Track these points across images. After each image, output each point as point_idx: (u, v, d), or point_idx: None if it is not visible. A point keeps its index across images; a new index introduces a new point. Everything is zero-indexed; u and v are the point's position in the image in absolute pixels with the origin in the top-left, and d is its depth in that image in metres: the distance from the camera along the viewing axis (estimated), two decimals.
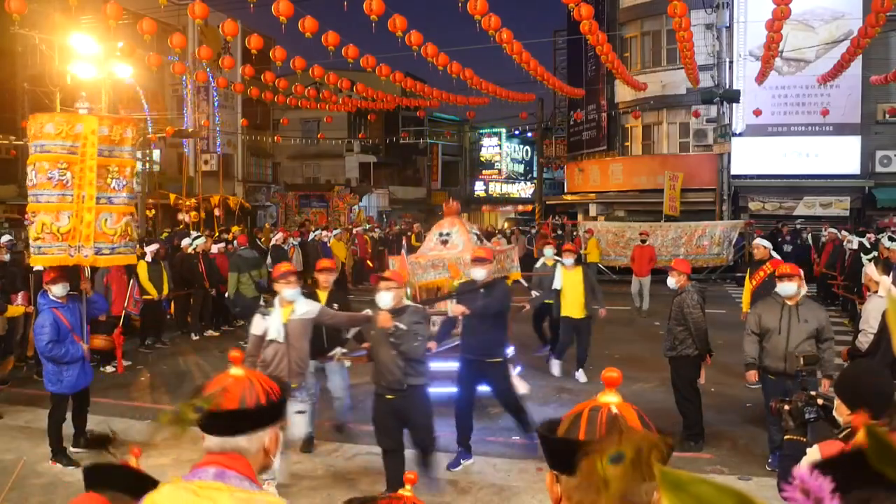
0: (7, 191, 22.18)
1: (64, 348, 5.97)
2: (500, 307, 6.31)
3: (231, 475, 1.68)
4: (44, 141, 5.83)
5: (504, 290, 6.54)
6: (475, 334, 6.27)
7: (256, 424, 1.76)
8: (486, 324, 6.20)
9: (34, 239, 5.94)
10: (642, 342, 11.14)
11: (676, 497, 0.67)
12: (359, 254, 19.75)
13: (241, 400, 1.73)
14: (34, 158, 5.91)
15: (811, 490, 0.72)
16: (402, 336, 5.07)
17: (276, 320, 5.43)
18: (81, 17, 17.63)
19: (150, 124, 21.93)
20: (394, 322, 5.08)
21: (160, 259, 11.28)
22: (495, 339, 6.30)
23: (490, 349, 6.24)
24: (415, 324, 5.16)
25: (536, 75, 15.97)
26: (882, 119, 22.29)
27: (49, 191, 5.81)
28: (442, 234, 8.36)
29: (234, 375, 1.80)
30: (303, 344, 5.52)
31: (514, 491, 5.55)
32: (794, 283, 5.72)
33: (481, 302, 6.18)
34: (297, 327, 5.47)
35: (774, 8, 11.53)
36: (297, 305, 5.53)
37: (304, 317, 5.53)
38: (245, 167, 33.20)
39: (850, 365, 3.09)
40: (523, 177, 49.23)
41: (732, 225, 19.91)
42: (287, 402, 1.88)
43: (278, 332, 5.38)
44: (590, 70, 28.38)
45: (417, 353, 5.15)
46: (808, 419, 3.09)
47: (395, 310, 5.16)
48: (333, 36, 11.55)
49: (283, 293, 5.54)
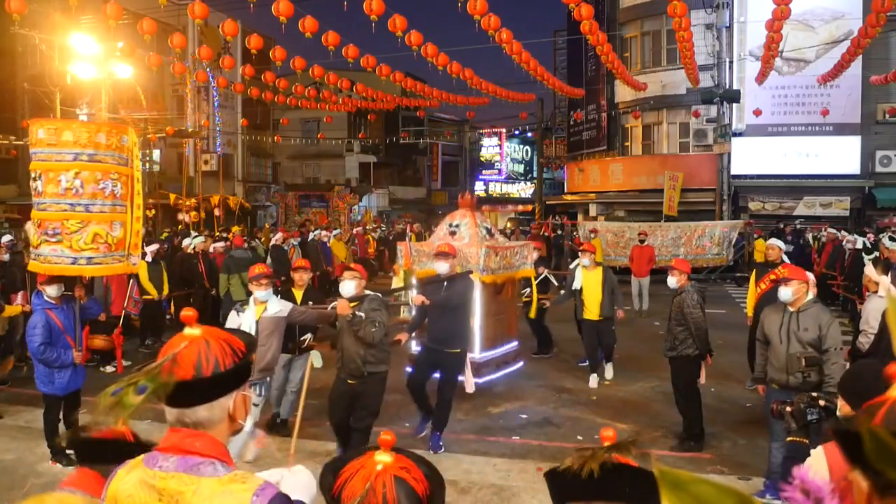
0: (7, 191, 22.20)
1: (56, 353, 5.91)
2: (460, 300, 6.54)
3: (194, 462, 1.53)
4: (93, 150, 5.86)
5: (465, 284, 6.74)
6: (436, 325, 6.58)
7: (216, 393, 1.57)
8: (447, 316, 6.46)
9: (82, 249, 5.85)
10: (642, 342, 11.13)
11: (676, 497, 0.67)
12: (359, 254, 19.75)
13: (197, 367, 1.54)
14: (81, 167, 5.83)
15: (811, 490, 0.72)
16: (359, 323, 5.44)
17: (249, 317, 5.80)
18: (81, 17, 17.64)
19: (150, 124, 21.91)
20: (352, 310, 5.45)
21: (160, 259, 11.28)
22: (455, 330, 6.54)
23: (449, 340, 6.49)
24: (373, 311, 5.51)
25: (536, 75, 15.97)
26: (882, 119, 22.29)
27: (102, 200, 5.89)
28: (451, 225, 8.58)
29: (189, 337, 1.59)
30: (271, 342, 5.82)
31: (513, 491, 5.55)
32: (791, 287, 5.25)
33: (443, 294, 6.45)
34: (269, 325, 5.79)
35: (774, 8, 11.53)
36: (270, 304, 5.85)
37: (276, 315, 5.84)
38: (245, 167, 33.21)
39: (852, 365, 3.04)
40: (523, 177, 49.23)
41: (732, 225, 19.91)
42: (251, 361, 1.67)
43: (250, 328, 5.67)
44: (590, 70, 28.39)
45: (374, 338, 5.49)
46: (811, 420, 3.09)
47: (355, 297, 5.56)
48: (333, 36, 11.55)
49: (255, 293, 5.89)
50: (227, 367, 1.56)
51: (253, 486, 1.51)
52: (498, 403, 7.93)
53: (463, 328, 6.71)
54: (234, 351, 1.59)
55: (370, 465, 1.45)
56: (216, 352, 1.56)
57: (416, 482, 1.45)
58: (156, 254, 11.14)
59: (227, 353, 1.57)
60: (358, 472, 1.45)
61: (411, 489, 1.44)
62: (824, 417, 3.03)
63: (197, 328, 1.62)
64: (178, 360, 1.54)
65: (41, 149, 5.82)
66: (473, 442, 6.77)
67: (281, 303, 5.97)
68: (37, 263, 5.95)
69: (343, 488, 1.44)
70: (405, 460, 1.50)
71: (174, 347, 1.57)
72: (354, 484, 1.43)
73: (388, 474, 1.43)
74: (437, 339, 6.54)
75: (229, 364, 1.57)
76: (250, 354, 1.65)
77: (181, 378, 1.52)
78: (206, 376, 1.54)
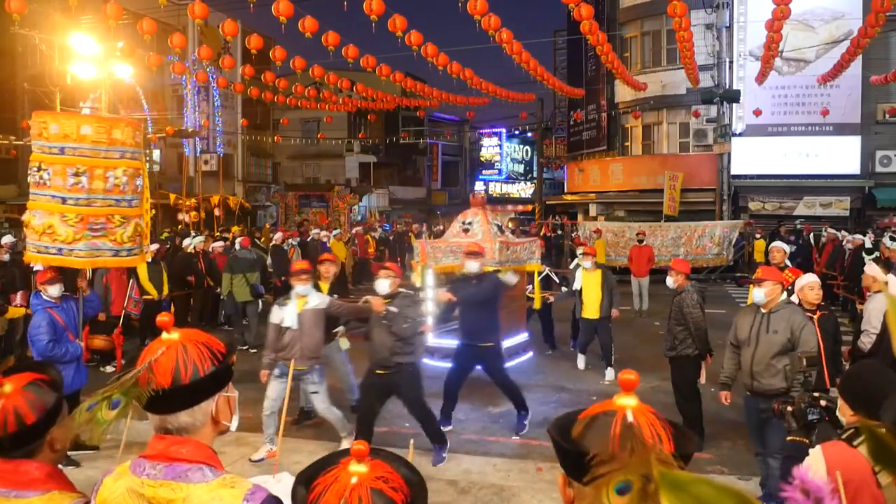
0: (7, 191, 22.20)
1: (63, 347, 5.99)
2: (488, 297, 6.90)
3: (182, 469, 1.51)
4: (134, 148, 6.08)
5: (493, 282, 7.14)
6: (467, 321, 7.00)
7: (197, 398, 1.56)
8: (476, 312, 6.86)
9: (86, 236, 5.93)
10: (642, 342, 11.14)
11: (676, 497, 0.67)
12: (359, 254, 19.76)
13: (175, 373, 1.52)
14: (126, 164, 5.99)
15: (811, 490, 0.72)
16: (393, 318, 5.78)
17: (291, 310, 6.14)
18: (81, 17, 17.64)
19: (150, 124, 21.92)
20: (386, 306, 5.80)
21: (160, 259, 11.27)
22: (486, 325, 6.88)
23: (481, 334, 6.87)
24: (406, 307, 5.88)
25: (536, 75, 15.96)
26: (882, 119, 22.29)
27: (135, 196, 6.10)
28: (464, 222, 9.16)
29: (166, 342, 1.57)
30: (315, 332, 6.17)
31: (513, 491, 5.55)
32: (765, 288, 5.02)
33: (472, 290, 6.84)
34: (311, 317, 6.15)
35: (774, 8, 11.52)
36: (310, 298, 6.22)
37: (316, 307, 6.19)
38: (245, 167, 33.22)
39: (853, 365, 3.00)
40: (523, 177, 49.23)
41: (732, 225, 19.91)
42: (231, 363, 1.64)
43: (293, 320, 6.07)
44: (590, 70, 28.39)
45: (406, 333, 5.82)
46: (811, 420, 3.08)
47: (389, 295, 5.89)
48: (333, 36, 11.55)
49: (296, 288, 6.22)
50: (206, 372, 1.55)
51: (243, 490, 1.51)
52: (498, 403, 7.92)
53: (493, 323, 6.99)
54: (214, 354, 1.59)
55: (344, 478, 1.35)
56: (194, 357, 1.55)
57: (395, 491, 1.36)
58: (155, 254, 11.14)
59: (206, 357, 1.57)
60: (331, 485, 1.35)
61: (390, 500, 1.34)
62: (825, 418, 3.03)
63: (175, 332, 1.60)
64: (156, 367, 1.53)
65: (83, 144, 5.79)
66: (473, 442, 6.77)
67: (320, 296, 6.36)
68: (72, 259, 5.87)
69: (317, 503, 1.34)
70: (383, 467, 1.39)
71: (152, 353, 1.56)
72: (328, 499, 1.33)
73: (364, 487, 1.33)
74: (470, 334, 6.95)
75: (208, 368, 1.56)
76: (230, 356, 1.64)
77: (160, 386, 1.52)
78: (184, 383, 1.53)
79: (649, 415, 1.29)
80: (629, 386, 1.32)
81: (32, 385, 1.74)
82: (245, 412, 7.80)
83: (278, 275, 14.22)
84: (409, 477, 1.42)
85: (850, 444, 2.45)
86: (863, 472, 2.26)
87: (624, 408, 1.29)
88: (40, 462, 1.70)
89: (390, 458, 1.45)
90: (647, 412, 1.29)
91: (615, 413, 1.28)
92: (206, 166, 27.31)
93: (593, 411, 1.33)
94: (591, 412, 1.33)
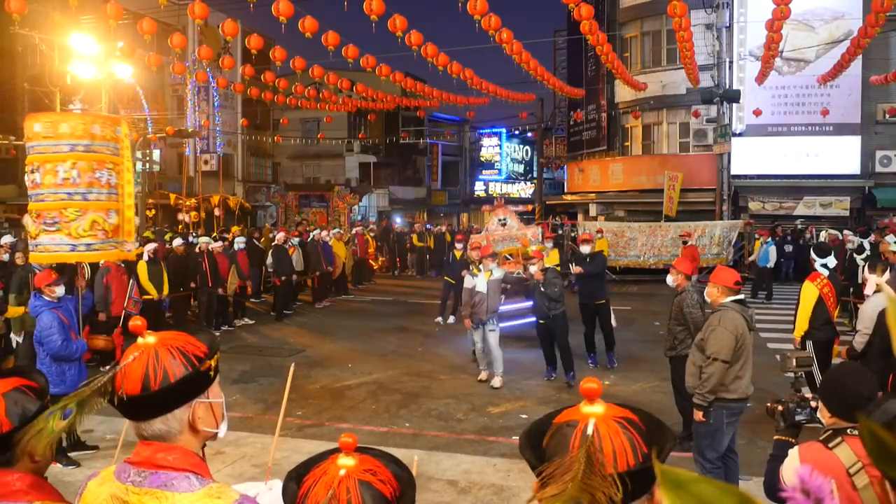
0: (7, 191, 22.18)
1: (74, 345, 6.14)
2: (600, 269, 10.07)
3: (168, 477, 1.47)
4: (88, 141, 6.05)
5: (601, 259, 10.29)
6: (587, 287, 10.04)
7: (169, 406, 1.50)
8: (593, 280, 9.91)
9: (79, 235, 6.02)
10: (642, 342, 11.14)
11: (677, 496, 0.68)
12: (359, 254, 19.75)
13: (144, 381, 1.47)
14: (77, 157, 6.00)
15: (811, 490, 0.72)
16: (547, 285, 8.60)
17: (482, 280, 8.74)
18: (81, 17, 17.62)
19: (150, 124, 21.91)
20: (543, 276, 8.63)
21: (160, 258, 11.27)
22: (599, 288, 9.91)
23: (597, 294, 9.84)
24: (553, 278, 8.73)
25: (536, 75, 15.96)
26: (882, 119, 22.29)
27: (98, 189, 6.08)
28: (500, 219, 12.57)
29: (140, 347, 1.52)
30: (496, 295, 8.84)
31: (514, 491, 5.55)
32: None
33: (589, 265, 9.92)
34: (494, 285, 8.79)
35: (774, 8, 11.52)
36: (494, 271, 8.86)
37: (497, 278, 8.83)
38: (245, 167, 33.21)
39: (834, 367, 3.01)
40: (523, 177, 49.20)
41: (732, 225, 19.91)
42: (208, 367, 1.56)
43: (483, 286, 8.68)
44: (590, 70, 28.38)
45: (555, 294, 8.62)
46: (798, 421, 3.11)
47: (543, 269, 8.75)
48: (333, 36, 11.54)
49: (487, 265, 8.85)
50: (177, 379, 1.49)
51: (229, 500, 1.47)
52: (498, 403, 7.93)
53: (603, 286, 10.00)
54: (188, 360, 1.51)
55: (332, 471, 1.37)
56: (165, 363, 1.49)
57: (383, 484, 1.37)
58: (155, 253, 11.14)
59: (179, 364, 1.50)
60: (321, 479, 1.37)
61: (377, 492, 1.36)
62: (814, 418, 3.04)
63: (151, 336, 1.53)
64: (126, 374, 1.48)
65: (38, 142, 5.96)
66: (473, 442, 6.78)
67: (499, 270, 9.14)
68: (36, 254, 6.11)
69: (307, 497, 1.36)
70: (371, 461, 1.41)
71: (125, 359, 1.51)
72: (317, 491, 1.35)
73: (352, 479, 1.35)
74: (590, 295, 9.88)
75: (180, 375, 1.49)
76: (209, 359, 1.56)
77: (129, 393, 1.47)
78: (154, 391, 1.47)
79: (613, 423, 1.23)
80: (592, 395, 1.27)
81: (16, 391, 1.67)
82: (245, 412, 7.81)
83: (279, 274, 14.22)
84: (397, 472, 1.43)
85: (826, 445, 2.46)
86: (837, 473, 2.28)
87: (587, 417, 1.25)
88: (22, 472, 1.63)
89: (379, 454, 1.46)
90: (612, 420, 1.24)
91: (577, 424, 1.25)
92: (206, 166, 27.29)
93: (561, 419, 1.30)
94: (560, 419, 1.30)
